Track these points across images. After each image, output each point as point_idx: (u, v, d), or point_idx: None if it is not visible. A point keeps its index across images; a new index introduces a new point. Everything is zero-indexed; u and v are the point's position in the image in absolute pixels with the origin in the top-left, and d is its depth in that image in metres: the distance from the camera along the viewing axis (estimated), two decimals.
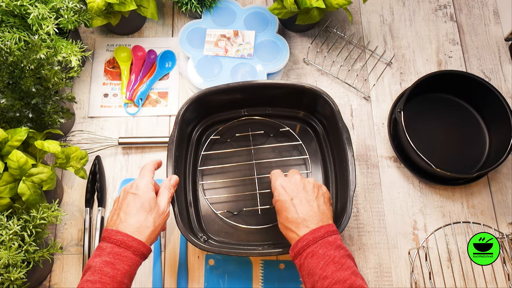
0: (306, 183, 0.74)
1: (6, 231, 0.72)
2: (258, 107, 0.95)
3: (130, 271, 0.66)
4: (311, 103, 0.92)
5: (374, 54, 1.07)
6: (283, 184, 0.74)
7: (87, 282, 0.64)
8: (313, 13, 0.96)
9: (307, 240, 0.67)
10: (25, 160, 0.73)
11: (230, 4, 1.06)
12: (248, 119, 0.95)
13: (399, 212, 0.94)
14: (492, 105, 0.95)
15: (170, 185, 0.76)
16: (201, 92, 0.87)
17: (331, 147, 0.93)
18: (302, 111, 0.95)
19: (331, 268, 0.64)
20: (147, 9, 1.00)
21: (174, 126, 0.84)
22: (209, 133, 0.95)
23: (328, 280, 0.63)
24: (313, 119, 0.96)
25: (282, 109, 0.95)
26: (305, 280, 0.66)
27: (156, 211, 0.72)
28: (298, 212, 0.69)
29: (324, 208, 0.72)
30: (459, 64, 1.07)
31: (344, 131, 0.84)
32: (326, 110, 0.90)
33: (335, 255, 0.65)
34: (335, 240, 0.67)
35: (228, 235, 0.89)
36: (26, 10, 0.84)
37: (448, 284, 0.88)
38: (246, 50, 1.00)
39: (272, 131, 0.96)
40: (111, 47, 1.06)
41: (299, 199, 0.71)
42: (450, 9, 1.13)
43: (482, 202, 0.95)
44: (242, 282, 0.87)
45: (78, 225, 0.91)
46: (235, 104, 0.94)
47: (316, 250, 0.65)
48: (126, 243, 0.67)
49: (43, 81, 0.82)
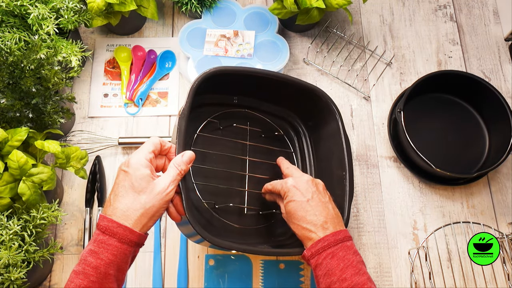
0: (318, 183, 0.74)
1: (6, 231, 0.72)
2: (257, 98, 0.91)
3: (115, 260, 0.60)
4: (314, 108, 0.89)
5: (374, 54, 1.07)
6: (296, 184, 0.73)
7: (73, 274, 0.60)
8: (313, 13, 0.96)
9: (328, 241, 0.67)
10: (25, 160, 0.73)
11: (230, 4, 1.06)
12: (247, 112, 0.91)
13: (399, 212, 0.94)
14: (492, 105, 0.95)
15: (181, 161, 0.66)
16: (218, 69, 0.80)
17: (317, 156, 0.91)
18: (298, 116, 0.93)
19: (350, 271, 0.65)
20: (147, 9, 1.00)
21: (187, 100, 0.75)
22: (205, 116, 0.88)
23: (347, 283, 0.64)
24: (306, 125, 0.94)
25: (280, 108, 0.93)
26: (320, 280, 0.67)
27: (150, 191, 0.62)
28: (316, 214, 0.70)
29: (337, 211, 0.73)
30: (459, 64, 1.07)
31: (346, 143, 0.83)
32: (330, 121, 0.87)
33: (353, 259, 0.66)
34: (352, 246, 0.69)
35: (217, 231, 0.83)
36: (26, 10, 0.84)
37: (448, 284, 0.88)
38: (246, 50, 1.00)
39: (267, 132, 0.92)
40: (111, 47, 1.07)
41: (315, 201, 0.71)
42: (450, 9, 1.13)
43: (482, 202, 0.95)
44: (242, 282, 0.87)
45: (78, 225, 0.91)
46: (236, 90, 0.89)
47: (336, 252, 0.66)
48: (111, 230, 0.60)
49: (43, 81, 0.82)
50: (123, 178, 0.63)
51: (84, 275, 0.59)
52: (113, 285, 0.60)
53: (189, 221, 0.67)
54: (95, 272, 0.59)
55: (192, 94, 0.75)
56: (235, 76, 0.85)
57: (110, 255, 0.60)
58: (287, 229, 0.79)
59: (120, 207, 0.62)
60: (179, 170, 0.65)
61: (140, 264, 0.89)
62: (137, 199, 0.62)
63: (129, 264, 0.64)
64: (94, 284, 0.59)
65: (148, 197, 0.62)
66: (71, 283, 0.59)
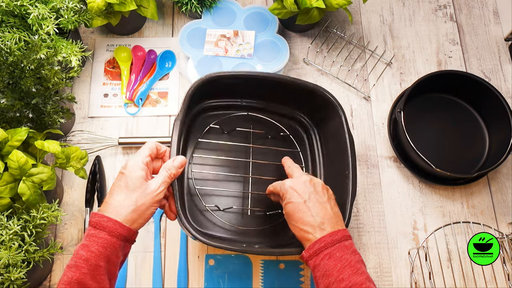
0: (316, 184, 0.74)
1: (6, 231, 0.72)
2: (260, 100, 0.92)
3: (105, 252, 0.63)
4: (317, 107, 0.90)
5: (374, 54, 1.07)
6: (293, 185, 0.73)
7: (66, 268, 0.62)
8: (313, 13, 0.96)
9: (325, 242, 0.67)
10: (25, 160, 0.73)
11: (230, 4, 1.06)
12: (250, 115, 0.92)
13: (399, 212, 0.94)
14: (492, 105, 0.95)
15: (171, 165, 0.71)
16: (214, 74, 0.83)
17: (326, 152, 0.90)
18: (304, 113, 0.93)
19: (347, 271, 0.65)
20: (147, 9, 1.00)
21: (182, 106, 0.78)
22: (209, 121, 0.90)
23: (345, 283, 0.64)
24: (313, 122, 0.94)
25: (284, 107, 0.93)
26: (318, 281, 0.67)
27: (142, 190, 0.66)
28: (313, 215, 0.70)
29: (336, 210, 0.73)
30: (459, 64, 1.07)
31: (349, 141, 0.82)
32: (333, 119, 0.87)
33: (351, 259, 0.66)
34: (351, 245, 0.68)
35: (215, 231, 0.85)
36: (26, 10, 0.84)
37: (448, 284, 0.88)
38: (246, 50, 1.00)
39: (271, 133, 0.92)
40: (111, 47, 1.06)
41: (313, 201, 0.71)
42: (450, 9, 1.13)
43: (482, 202, 0.95)
44: (242, 282, 0.87)
45: (78, 225, 0.91)
46: (238, 94, 0.91)
47: (333, 253, 0.66)
48: (101, 224, 0.63)
49: (43, 81, 0.82)
50: (119, 179, 0.68)
51: (75, 267, 0.61)
52: (103, 277, 0.63)
53: (180, 220, 0.73)
54: (86, 264, 0.62)
55: (188, 100, 0.79)
56: (234, 79, 0.86)
57: (100, 247, 0.62)
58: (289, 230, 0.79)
59: (112, 203, 0.66)
60: (169, 173, 0.70)
61: (140, 264, 0.89)
62: (129, 197, 0.66)
63: (120, 260, 0.66)
64: (85, 276, 0.61)
65: (140, 195, 0.66)
66: (64, 276, 0.62)
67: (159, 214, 0.92)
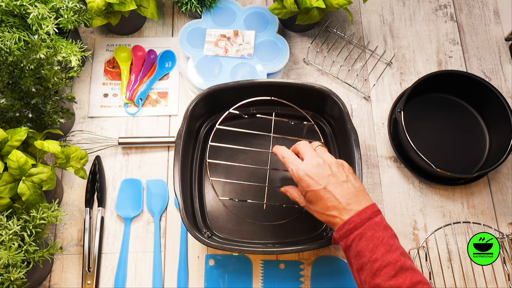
0: (331, 164, 0.71)
1: (6, 231, 0.72)
2: (267, 105, 0.91)
3: None
4: (319, 104, 0.91)
5: (374, 54, 1.07)
6: (308, 171, 0.70)
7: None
8: (313, 13, 0.96)
9: (354, 222, 0.66)
10: (25, 160, 0.73)
11: (230, 4, 1.06)
12: (274, 100, 0.86)
13: (399, 212, 0.94)
14: (492, 105, 0.95)
15: None
16: (210, 89, 0.86)
17: (338, 148, 0.92)
18: (310, 111, 0.94)
19: (380, 250, 0.63)
20: (147, 9, 1.00)
21: (183, 121, 0.82)
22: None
23: (379, 263, 0.63)
24: (321, 120, 0.95)
25: (289, 108, 0.91)
26: (352, 261, 0.66)
27: None
28: (337, 198, 0.67)
29: (358, 184, 0.70)
30: (459, 64, 1.07)
31: (352, 132, 0.83)
32: (335, 111, 0.89)
33: (383, 237, 0.64)
34: (381, 221, 0.66)
35: (231, 232, 0.88)
36: (26, 10, 0.84)
37: (448, 284, 0.88)
38: (246, 50, 1.00)
39: (295, 120, 0.90)
40: (111, 47, 1.06)
41: (333, 184, 0.68)
42: (450, 9, 1.13)
43: (482, 202, 0.95)
44: (242, 282, 0.87)
45: (78, 225, 0.91)
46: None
47: (364, 232, 0.65)
48: None
49: (43, 81, 0.82)
50: None
51: None
52: None
53: (187, 228, 0.76)
54: None
55: (188, 117, 0.83)
56: (234, 90, 0.87)
57: None
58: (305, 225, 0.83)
59: None
60: None
61: (140, 264, 0.89)
62: None
63: None
64: None
65: None
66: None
67: (159, 214, 0.91)
